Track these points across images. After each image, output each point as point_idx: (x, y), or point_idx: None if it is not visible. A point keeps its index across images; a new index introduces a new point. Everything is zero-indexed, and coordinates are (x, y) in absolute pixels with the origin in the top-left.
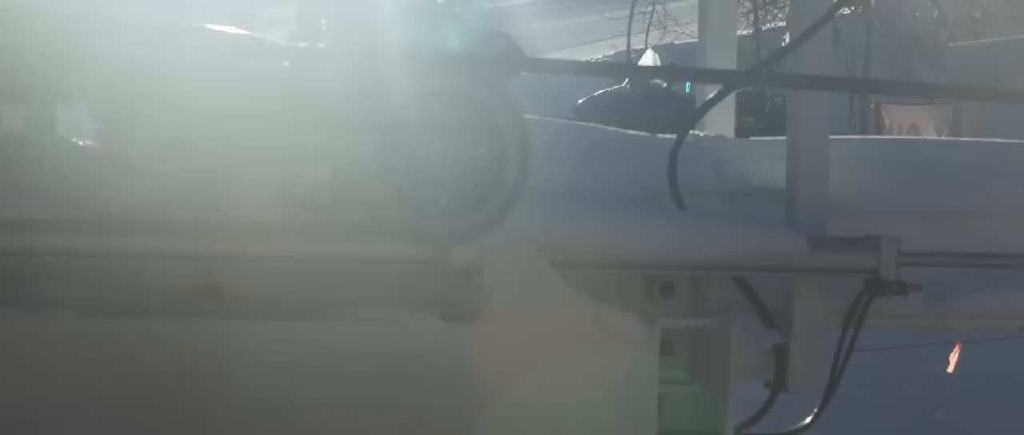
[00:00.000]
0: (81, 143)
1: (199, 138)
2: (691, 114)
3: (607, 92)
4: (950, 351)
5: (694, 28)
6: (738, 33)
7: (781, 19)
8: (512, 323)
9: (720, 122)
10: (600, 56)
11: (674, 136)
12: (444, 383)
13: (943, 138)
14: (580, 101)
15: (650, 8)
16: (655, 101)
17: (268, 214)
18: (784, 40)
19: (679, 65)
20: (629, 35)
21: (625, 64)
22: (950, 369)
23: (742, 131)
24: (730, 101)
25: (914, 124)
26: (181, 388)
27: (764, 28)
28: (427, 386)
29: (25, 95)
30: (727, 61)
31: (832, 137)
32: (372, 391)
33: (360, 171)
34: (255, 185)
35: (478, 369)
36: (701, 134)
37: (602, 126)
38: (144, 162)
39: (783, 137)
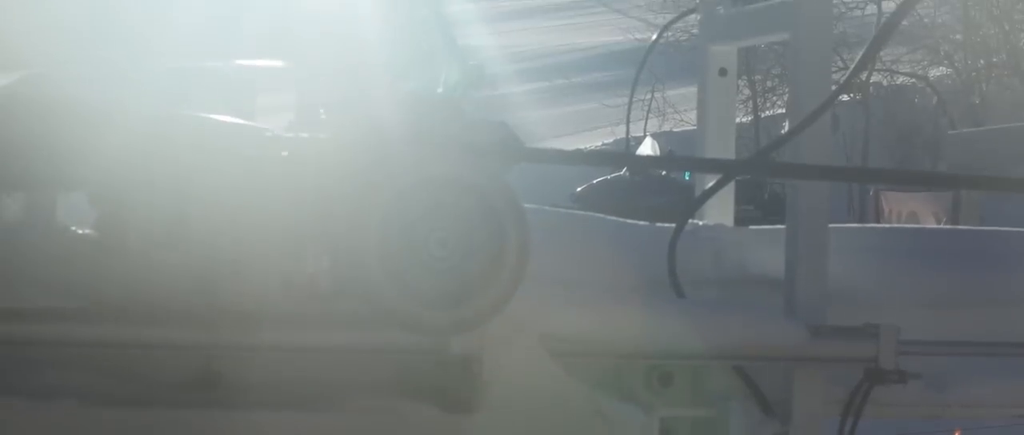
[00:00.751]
0: (80, 231)
1: (198, 226)
2: (690, 203)
3: (606, 180)
4: None
5: (693, 115)
6: (737, 120)
7: (780, 106)
8: (511, 413)
9: (719, 210)
10: (599, 144)
11: (673, 225)
12: None
13: (942, 226)
14: (579, 189)
15: (649, 96)
16: (654, 189)
17: (267, 303)
18: (783, 127)
19: (678, 153)
20: (628, 123)
21: (623, 153)
22: None
23: (741, 219)
24: (729, 189)
25: (913, 211)
26: None
27: (763, 115)
28: None
29: (24, 183)
30: (726, 148)
31: (831, 225)
32: None
33: (359, 260)
34: (254, 274)
35: None
36: (700, 223)
37: (601, 215)
38: (143, 251)
39: (782, 225)
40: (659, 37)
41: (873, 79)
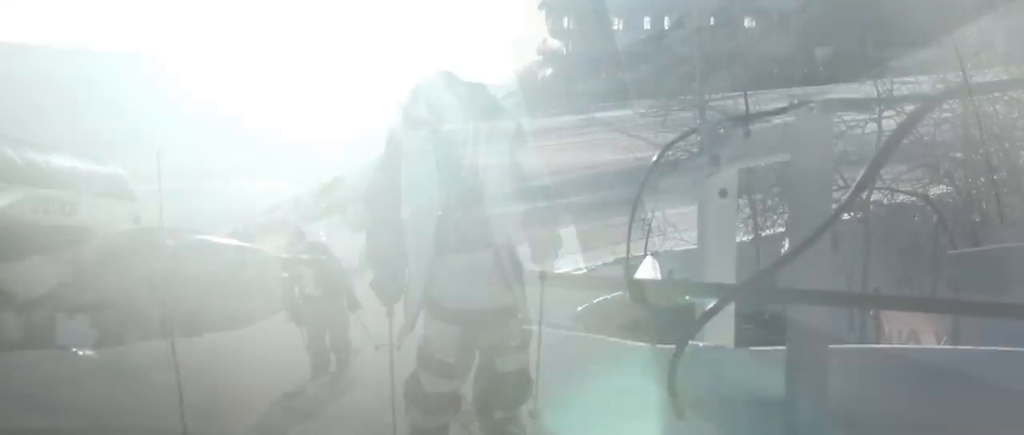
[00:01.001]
0: (82, 353)
1: (200, 348)
2: (691, 324)
3: (607, 299)
4: None
5: (694, 234)
6: (738, 239)
7: (781, 225)
8: None
9: (719, 331)
10: (599, 264)
11: (674, 345)
12: None
13: (942, 346)
14: (580, 308)
15: (650, 215)
16: (655, 309)
17: (270, 426)
18: (783, 246)
19: (679, 273)
20: (629, 242)
21: (625, 276)
22: None
23: (741, 339)
24: (730, 309)
25: (914, 330)
26: None
27: (764, 234)
28: None
29: (28, 306)
30: (727, 268)
31: (832, 346)
32: None
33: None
34: (256, 395)
35: None
36: (701, 344)
37: (602, 336)
38: (144, 372)
39: (783, 346)
40: (660, 157)
41: (873, 197)
